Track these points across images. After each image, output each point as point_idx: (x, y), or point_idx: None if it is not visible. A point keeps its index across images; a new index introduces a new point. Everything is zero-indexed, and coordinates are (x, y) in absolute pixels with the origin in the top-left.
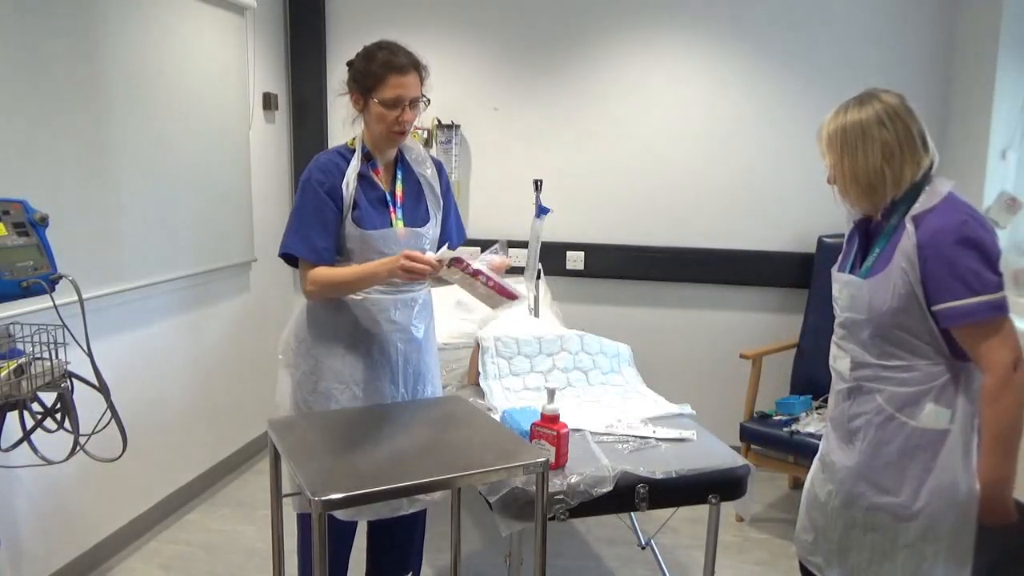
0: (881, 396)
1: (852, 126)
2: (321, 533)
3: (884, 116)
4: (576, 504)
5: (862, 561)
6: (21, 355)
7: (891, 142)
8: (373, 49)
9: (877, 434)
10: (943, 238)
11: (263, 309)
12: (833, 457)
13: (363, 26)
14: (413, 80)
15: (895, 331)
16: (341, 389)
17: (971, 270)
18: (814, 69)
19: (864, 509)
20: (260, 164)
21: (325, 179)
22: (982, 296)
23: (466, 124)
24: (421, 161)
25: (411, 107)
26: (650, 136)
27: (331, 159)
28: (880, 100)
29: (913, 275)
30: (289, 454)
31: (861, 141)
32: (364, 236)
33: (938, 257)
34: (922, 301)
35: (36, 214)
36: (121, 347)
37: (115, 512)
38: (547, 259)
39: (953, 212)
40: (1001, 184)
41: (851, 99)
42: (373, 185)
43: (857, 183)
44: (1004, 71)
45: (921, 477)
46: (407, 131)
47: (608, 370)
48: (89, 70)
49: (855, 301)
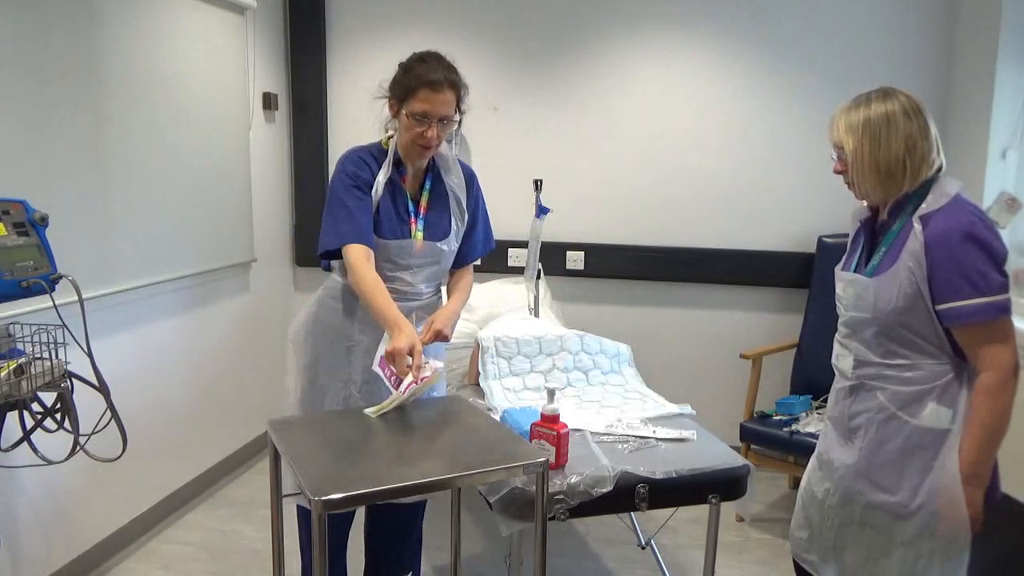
0: (883, 394)
1: (878, 116)
2: (321, 533)
3: (909, 110)
4: (576, 504)
5: (858, 558)
6: (21, 355)
7: (915, 134)
8: (415, 59)
9: (878, 432)
10: (951, 238)
11: (263, 309)
12: (832, 455)
13: (363, 26)
14: (446, 98)
15: (900, 330)
16: (338, 388)
17: (978, 271)
18: (814, 69)
19: (862, 507)
20: (260, 164)
21: (358, 172)
22: (988, 297)
23: (466, 124)
24: (451, 170)
25: (442, 124)
26: (650, 136)
27: (362, 156)
28: (903, 95)
29: (920, 274)
30: (289, 454)
31: (886, 129)
32: (380, 244)
33: (945, 257)
34: (928, 300)
35: (36, 214)
36: (121, 347)
37: (115, 512)
38: (547, 259)
39: (961, 213)
40: (1001, 184)
41: (871, 92)
42: (399, 192)
43: (877, 171)
44: (1004, 71)
45: (920, 476)
46: (432, 146)
47: (608, 370)
48: (89, 70)
49: (860, 300)
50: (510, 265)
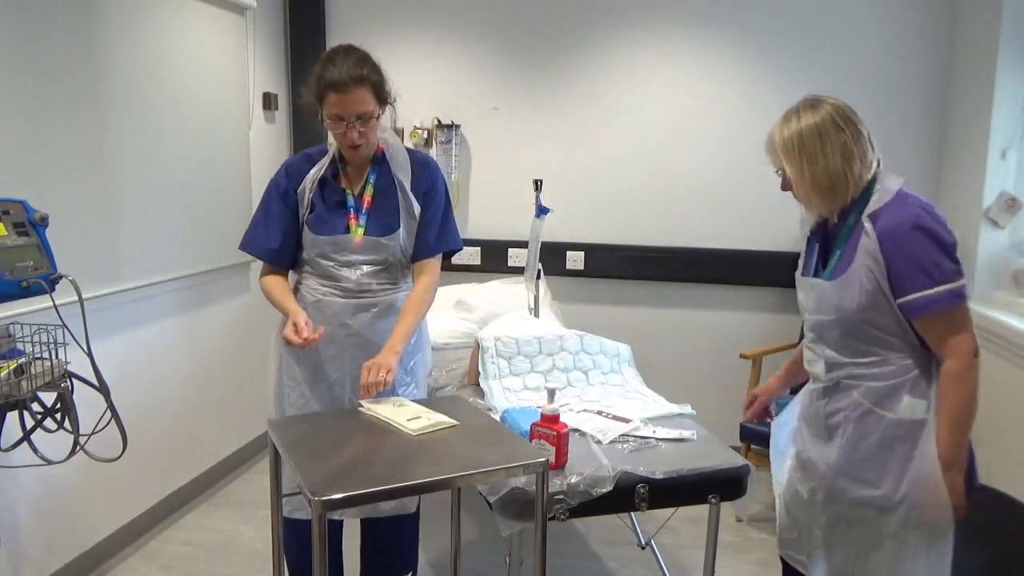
0: (858, 392)
1: (809, 130)
2: (321, 533)
3: (838, 118)
4: (576, 504)
5: (848, 555)
6: (21, 355)
7: (848, 143)
8: (323, 59)
9: (856, 428)
10: (901, 232)
11: (262, 309)
12: (811, 455)
13: (363, 26)
14: (356, 96)
15: (865, 328)
16: (292, 387)
17: (932, 261)
18: (815, 69)
19: (847, 504)
20: (260, 164)
21: (285, 182)
22: (944, 285)
23: (466, 124)
24: (397, 162)
25: (360, 121)
26: (650, 136)
27: (298, 160)
28: (829, 103)
29: (879, 271)
30: (289, 454)
31: (820, 145)
32: (315, 241)
33: (899, 251)
34: (889, 296)
35: (36, 214)
36: (121, 347)
37: (115, 512)
38: (547, 259)
39: (907, 206)
40: (1001, 184)
41: (798, 105)
42: (334, 190)
43: (819, 187)
44: (1004, 71)
45: (901, 467)
46: (360, 144)
47: (608, 370)
48: (89, 70)
49: (822, 303)
50: (510, 265)
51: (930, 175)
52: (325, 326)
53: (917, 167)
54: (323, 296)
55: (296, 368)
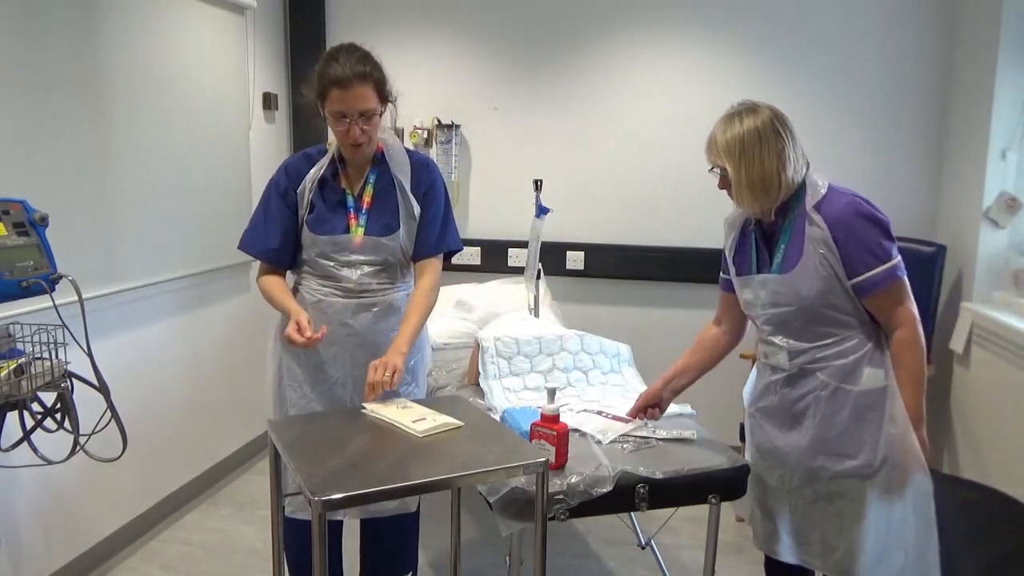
0: (823, 373)
1: (750, 133)
2: (321, 533)
3: (776, 123)
4: (576, 504)
5: (832, 531)
6: (21, 355)
7: (785, 149)
8: (325, 56)
9: (827, 406)
10: (847, 219)
11: (263, 309)
12: (777, 443)
13: (363, 26)
14: (359, 93)
15: (824, 311)
16: (294, 387)
17: (876, 242)
18: (814, 69)
19: (827, 480)
20: (260, 164)
21: (285, 182)
22: (888, 263)
23: (466, 124)
24: (396, 161)
25: (363, 119)
26: (650, 136)
27: (297, 160)
28: (767, 108)
29: (832, 257)
30: (289, 454)
31: (759, 147)
32: (315, 241)
33: (849, 237)
34: (843, 279)
35: (36, 214)
36: (121, 347)
37: (115, 512)
38: (547, 259)
39: (844, 196)
40: (1001, 184)
41: (738, 108)
42: (334, 189)
43: (752, 188)
44: (1004, 71)
45: (875, 434)
46: (362, 143)
47: (608, 370)
48: (89, 70)
49: (779, 296)
50: (510, 265)
51: (930, 175)
52: (327, 325)
53: (917, 167)
54: (324, 296)
55: (297, 369)
